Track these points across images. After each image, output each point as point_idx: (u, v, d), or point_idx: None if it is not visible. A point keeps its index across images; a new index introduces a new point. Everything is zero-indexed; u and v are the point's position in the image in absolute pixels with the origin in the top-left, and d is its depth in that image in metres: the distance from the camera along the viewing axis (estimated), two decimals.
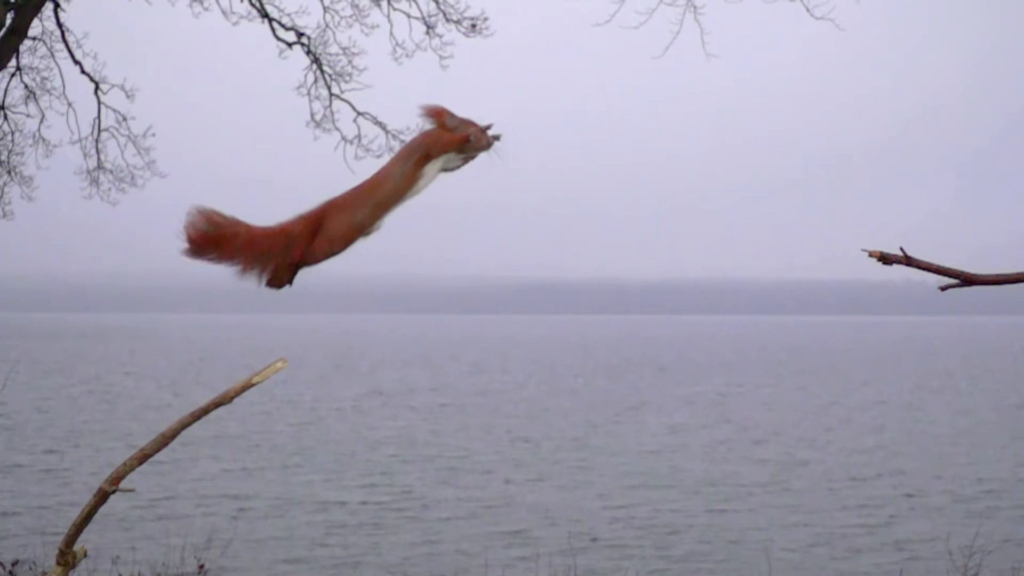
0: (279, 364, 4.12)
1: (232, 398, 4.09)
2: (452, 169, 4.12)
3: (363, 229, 4.01)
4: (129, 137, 14.74)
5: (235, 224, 3.99)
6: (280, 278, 4.00)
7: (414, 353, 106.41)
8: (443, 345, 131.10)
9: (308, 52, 13.93)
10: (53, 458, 30.97)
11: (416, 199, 4.07)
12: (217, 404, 4.08)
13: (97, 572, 13.78)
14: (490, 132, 4.07)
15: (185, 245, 3.96)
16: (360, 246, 4.10)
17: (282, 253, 3.98)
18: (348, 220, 3.96)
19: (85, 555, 4.25)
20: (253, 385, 4.08)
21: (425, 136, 4.06)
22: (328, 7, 13.73)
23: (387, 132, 13.79)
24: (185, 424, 4.09)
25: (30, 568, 12.88)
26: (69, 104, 14.78)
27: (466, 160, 4.10)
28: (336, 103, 14.03)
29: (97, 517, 4.18)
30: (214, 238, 3.95)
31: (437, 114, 4.06)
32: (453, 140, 4.03)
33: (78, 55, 14.25)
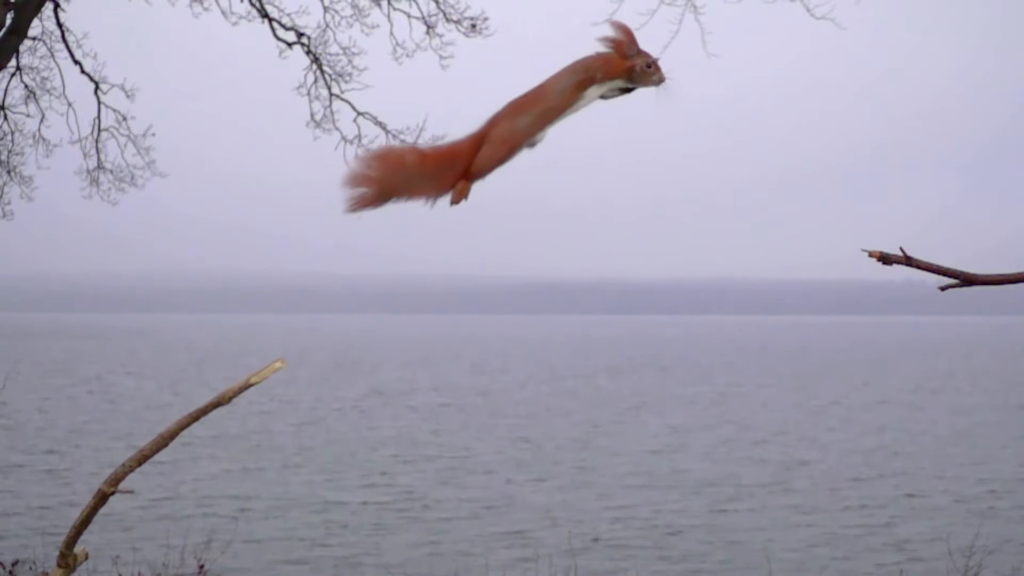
0: (277, 364, 4.10)
1: (231, 398, 4.07)
2: (609, 98, 4.01)
3: (524, 136, 3.94)
4: (129, 137, 14.73)
5: (400, 157, 3.94)
6: (458, 195, 3.98)
7: (414, 353, 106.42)
8: (443, 345, 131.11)
9: (308, 52, 13.92)
10: (53, 458, 30.98)
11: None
12: (216, 405, 4.07)
13: (97, 572, 13.75)
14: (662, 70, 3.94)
15: (357, 198, 3.90)
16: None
17: (451, 172, 3.95)
18: (509, 126, 3.91)
19: (86, 557, 4.23)
20: (252, 385, 4.06)
21: (596, 58, 3.92)
22: (328, 7, 13.72)
23: (387, 132, 13.77)
24: (184, 425, 4.08)
25: (30, 568, 12.88)
26: (69, 104, 14.77)
27: (626, 92, 4.02)
28: (336, 103, 14.02)
29: (97, 517, 4.16)
30: (383, 188, 3.90)
31: (619, 38, 3.90)
32: (621, 68, 3.90)
33: (78, 55, 14.24)
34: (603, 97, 4.01)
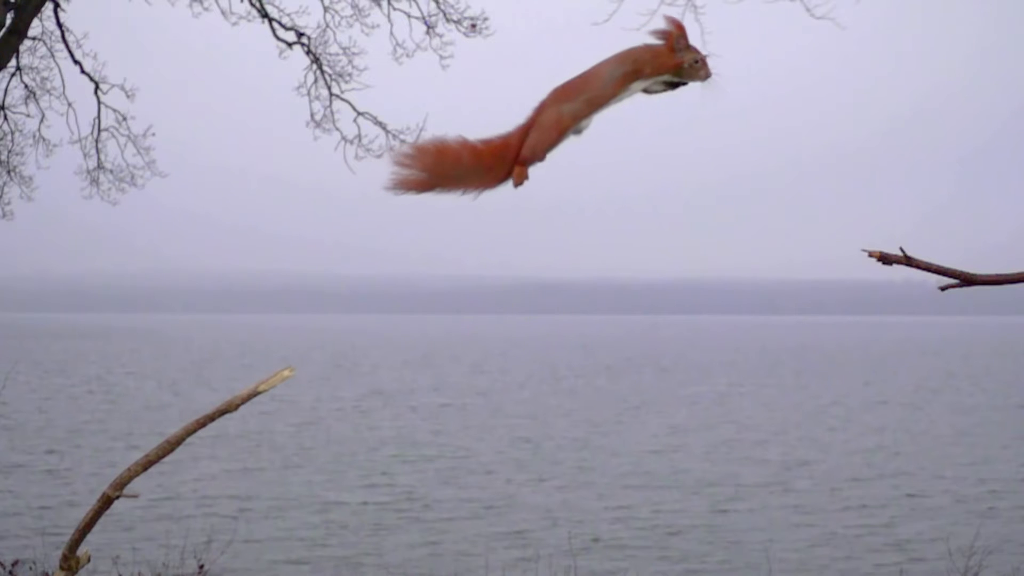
0: (286, 372, 4.09)
1: (238, 406, 4.06)
2: (652, 92, 3.99)
3: (572, 120, 3.93)
4: (129, 137, 14.74)
5: (455, 153, 3.93)
6: (519, 178, 3.97)
7: (414, 353, 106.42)
8: (443, 345, 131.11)
9: (308, 52, 13.92)
10: (54, 458, 30.97)
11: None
12: (222, 412, 4.06)
13: (97, 572, 13.75)
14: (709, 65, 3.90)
15: (402, 181, 3.90)
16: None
17: (503, 164, 3.95)
18: (557, 111, 3.90)
19: (88, 560, 4.23)
20: (259, 393, 4.06)
21: (645, 51, 3.92)
22: (328, 7, 13.72)
23: (387, 132, 13.78)
24: (191, 431, 4.08)
25: (30, 568, 12.88)
26: (69, 104, 14.78)
27: (671, 87, 3.99)
28: (336, 103, 14.02)
29: None
30: (430, 179, 3.91)
31: (671, 33, 3.90)
32: (670, 64, 3.89)
33: (78, 55, 14.24)
34: (646, 91, 4.00)
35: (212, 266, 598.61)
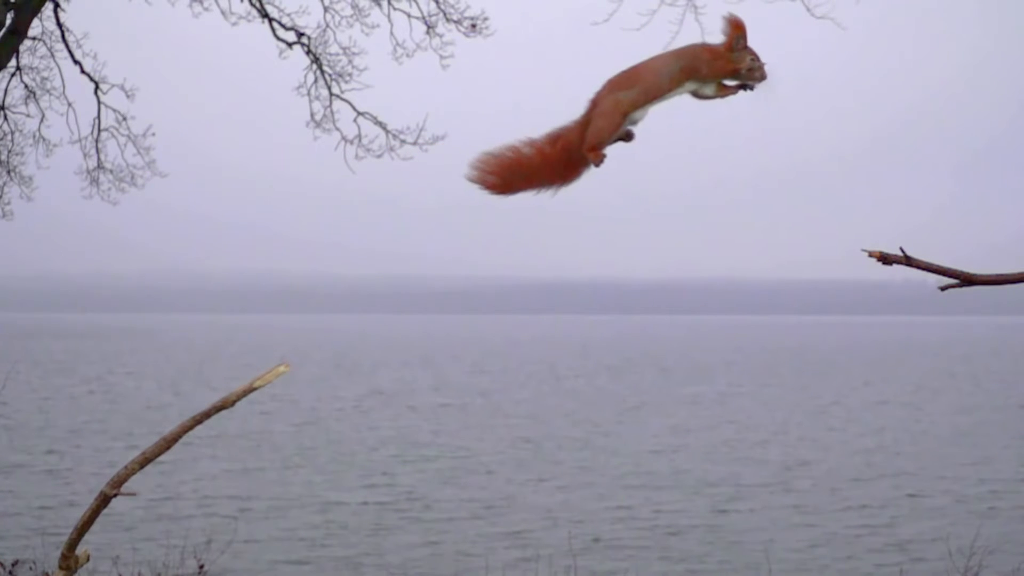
0: (281, 368, 4.09)
1: (234, 402, 4.07)
2: (702, 98, 3.93)
3: (631, 106, 3.89)
4: (129, 137, 14.75)
5: (525, 161, 3.95)
6: (597, 159, 3.97)
7: (414, 353, 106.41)
8: (444, 345, 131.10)
9: (308, 52, 13.92)
10: (54, 458, 30.97)
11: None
12: (219, 408, 4.06)
13: (97, 572, 13.75)
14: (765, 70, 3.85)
15: (487, 190, 3.94)
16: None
17: (570, 160, 3.96)
18: (614, 98, 3.88)
19: (88, 559, 4.23)
20: (255, 389, 4.06)
21: (703, 51, 3.86)
22: (328, 7, 13.73)
23: (387, 132, 13.79)
24: (187, 428, 4.08)
25: (30, 568, 12.88)
26: (69, 104, 14.79)
27: (723, 94, 3.90)
28: (336, 103, 14.03)
29: (98, 518, 4.17)
30: (509, 181, 3.94)
31: (730, 32, 3.83)
32: (728, 68, 3.83)
33: (78, 55, 14.25)
34: (695, 94, 3.94)
35: (212, 266, 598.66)
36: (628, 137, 3.99)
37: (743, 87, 3.92)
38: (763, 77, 3.88)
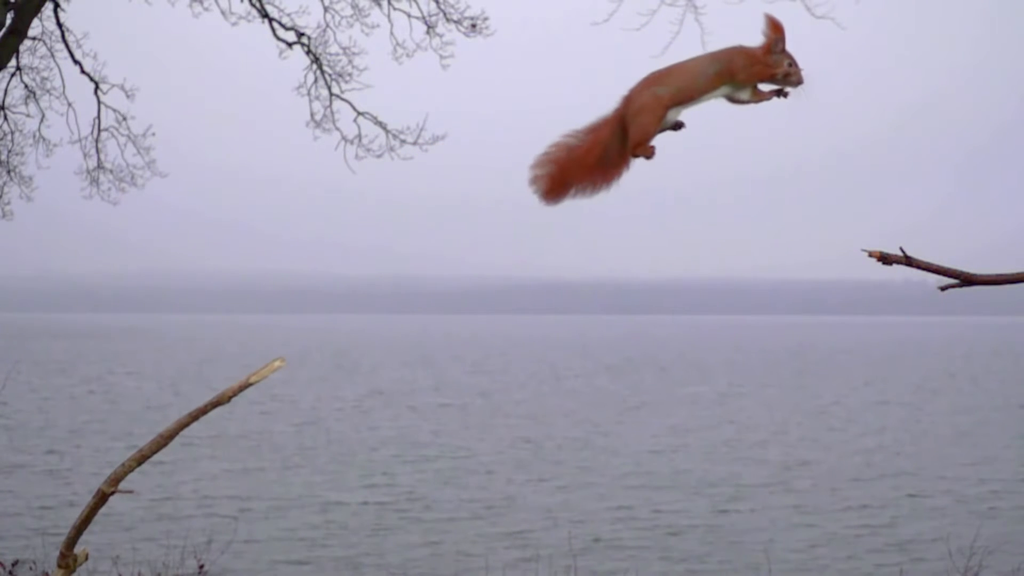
0: (277, 363, 4.08)
1: (230, 398, 4.06)
2: (737, 102, 3.87)
3: (671, 100, 3.85)
4: (129, 137, 14.74)
5: (574, 156, 3.93)
6: (648, 153, 3.95)
7: (414, 353, 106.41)
8: (444, 345, 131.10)
9: (308, 52, 13.92)
10: (54, 458, 30.98)
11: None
12: (215, 404, 4.05)
13: (97, 572, 13.75)
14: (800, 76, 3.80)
15: (542, 195, 3.93)
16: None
17: (608, 159, 3.93)
18: (652, 92, 3.84)
19: (87, 558, 4.22)
20: (251, 384, 4.05)
21: (740, 55, 3.79)
22: (328, 7, 13.72)
23: (387, 132, 13.79)
24: (183, 425, 4.06)
25: (30, 568, 12.87)
26: (69, 104, 14.78)
27: (759, 99, 3.84)
28: (336, 103, 14.02)
29: (98, 517, 4.16)
30: (563, 182, 3.92)
31: (768, 36, 3.77)
32: (765, 74, 3.78)
33: (78, 55, 14.24)
34: (730, 98, 3.90)
35: (212, 266, 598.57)
36: (678, 126, 3.95)
37: (779, 93, 3.89)
38: (799, 82, 3.82)
